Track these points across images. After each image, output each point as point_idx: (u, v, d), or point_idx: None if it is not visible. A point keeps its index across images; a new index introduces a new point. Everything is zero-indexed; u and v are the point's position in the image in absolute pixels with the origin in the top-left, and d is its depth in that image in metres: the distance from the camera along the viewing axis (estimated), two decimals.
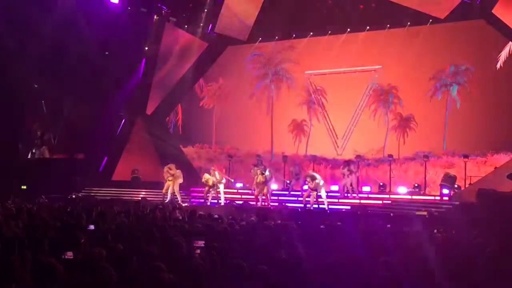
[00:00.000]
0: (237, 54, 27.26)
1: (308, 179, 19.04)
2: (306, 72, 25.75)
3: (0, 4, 22.63)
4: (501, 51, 21.45)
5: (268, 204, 19.37)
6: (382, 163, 23.20)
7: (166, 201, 19.87)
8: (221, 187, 20.46)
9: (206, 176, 20.51)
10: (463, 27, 22.27)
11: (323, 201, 18.99)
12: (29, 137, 26.98)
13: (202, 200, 20.63)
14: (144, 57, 26.27)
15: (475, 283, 5.95)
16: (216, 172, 20.47)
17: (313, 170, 21.31)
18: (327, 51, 24.97)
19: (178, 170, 20.70)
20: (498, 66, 21.45)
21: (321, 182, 18.99)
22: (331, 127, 25.05)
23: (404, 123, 23.56)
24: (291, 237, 8.55)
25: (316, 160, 23.27)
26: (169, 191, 20.50)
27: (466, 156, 19.99)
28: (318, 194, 18.92)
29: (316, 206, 18.99)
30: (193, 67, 26.60)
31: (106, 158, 26.15)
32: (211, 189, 20.36)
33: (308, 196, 19.12)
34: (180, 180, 20.60)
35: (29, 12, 21.59)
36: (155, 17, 25.21)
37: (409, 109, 23.47)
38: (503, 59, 21.39)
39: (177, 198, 20.40)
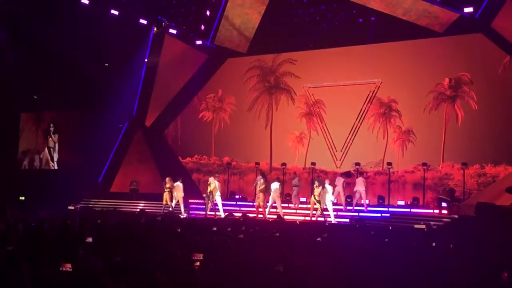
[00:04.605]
0: (236, 66, 27.30)
1: (316, 183, 18.55)
2: (305, 85, 25.79)
3: (2, 17, 22.82)
4: (499, 65, 21.49)
5: (264, 216, 19.16)
6: (381, 176, 23.23)
7: (163, 212, 20.00)
8: (218, 199, 20.04)
9: (211, 179, 20.25)
10: (462, 41, 22.37)
11: (329, 214, 18.64)
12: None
13: (203, 213, 20.39)
14: (144, 69, 26.36)
15: None
16: (216, 182, 20.15)
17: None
18: (327, 64, 25.05)
19: (176, 183, 20.65)
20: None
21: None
22: (330, 140, 25.05)
23: (403, 136, 23.54)
24: (291, 249, 8.54)
25: (315, 173, 23.24)
26: (172, 203, 20.47)
27: (465, 164, 19.89)
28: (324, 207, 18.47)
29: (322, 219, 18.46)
30: (193, 79, 26.67)
31: (105, 170, 26.17)
32: (209, 195, 19.86)
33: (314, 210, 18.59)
34: (180, 194, 20.49)
35: (30, 25, 21.72)
36: (155, 29, 25.33)
37: (408, 122, 23.48)
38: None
39: (179, 209, 20.39)
